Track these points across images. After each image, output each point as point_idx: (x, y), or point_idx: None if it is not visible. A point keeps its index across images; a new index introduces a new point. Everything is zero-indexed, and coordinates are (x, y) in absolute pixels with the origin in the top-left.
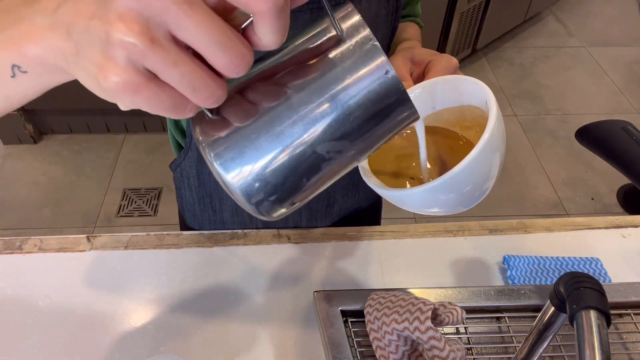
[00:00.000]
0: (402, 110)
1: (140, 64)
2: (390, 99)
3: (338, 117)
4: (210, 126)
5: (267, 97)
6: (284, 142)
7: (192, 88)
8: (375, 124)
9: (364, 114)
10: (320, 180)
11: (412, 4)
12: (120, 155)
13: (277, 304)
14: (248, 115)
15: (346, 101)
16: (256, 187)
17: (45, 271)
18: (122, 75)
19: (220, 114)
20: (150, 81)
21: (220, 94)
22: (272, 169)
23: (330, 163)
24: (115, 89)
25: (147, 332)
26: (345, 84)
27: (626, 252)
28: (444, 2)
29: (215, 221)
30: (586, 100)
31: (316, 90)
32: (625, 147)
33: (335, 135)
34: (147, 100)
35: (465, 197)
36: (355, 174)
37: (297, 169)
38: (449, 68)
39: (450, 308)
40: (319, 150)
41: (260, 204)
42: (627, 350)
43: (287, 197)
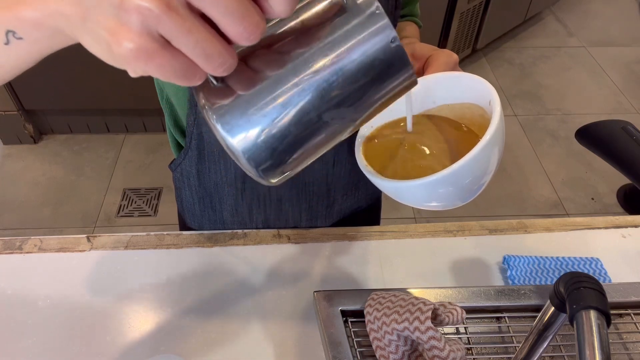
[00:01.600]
0: (402, 75)
1: (154, 30)
2: (392, 63)
3: (340, 82)
4: (214, 93)
5: (272, 63)
6: (287, 106)
7: (205, 56)
8: (375, 88)
9: (365, 79)
10: (321, 143)
11: (411, 4)
12: (120, 155)
13: (277, 304)
14: (252, 82)
15: (349, 66)
16: (259, 150)
17: (45, 271)
18: (136, 41)
19: (224, 81)
20: (163, 48)
21: (231, 63)
22: (275, 133)
23: (331, 127)
24: (128, 56)
25: (147, 332)
26: (347, 48)
27: (626, 252)
28: (444, 2)
29: (215, 221)
30: (586, 100)
31: (319, 55)
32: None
33: (336, 100)
34: (160, 67)
35: (463, 191)
36: (355, 174)
37: (299, 133)
38: (449, 63)
39: (450, 308)
40: (320, 114)
41: (262, 167)
42: (627, 350)
43: (288, 160)
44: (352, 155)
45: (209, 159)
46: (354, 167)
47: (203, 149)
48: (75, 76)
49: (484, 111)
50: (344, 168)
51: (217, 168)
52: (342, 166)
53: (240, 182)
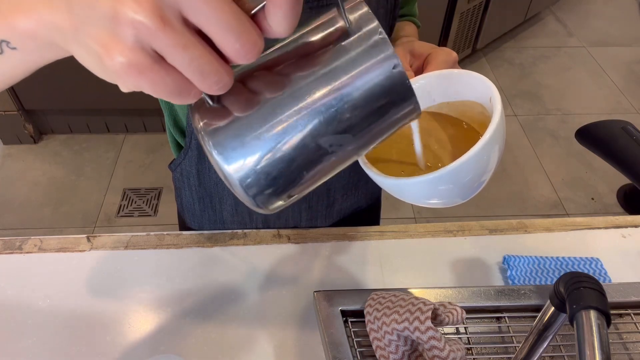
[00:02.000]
0: (406, 106)
1: (148, 45)
2: (395, 94)
3: (342, 110)
4: (210, 114)
5: (271, 86)
6: (286, 133)
7: (201, 73)
8: (378, 118)
9: (368, 108)
10: (320, 173)
11: (410, 4)
12: (120, 155)
13: (277, 304)
14: (250, 105)
15: (352, 93)
16: (255, 178)
17: (45, 271)
18: (128, 55)
19: (221, 102)
20: (156, 63)
21: (227, 81)
22: (272, 160)
23: (332, 156)
24: (119, 70)
25: (147, 331)
26: (351, 75)
27: (626, 252)
28: (444, 2)
29: (215, 221)
30: (586, 100)
31: (321, 81)
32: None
33: (338, 128)
34: (152, 83)
35: (464, 189)
36: (354, 174)
37: (298, 161)
38: (448, 62)
39: (450, 308)
40: (321, 143)
41: (258, 196)
42: (627, 350)
43: (286, 190)
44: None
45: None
46: (354, 167)
47: (203, 149)
48: (75, 76)
49: (484, 109)
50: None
51: None
52: None
53: None
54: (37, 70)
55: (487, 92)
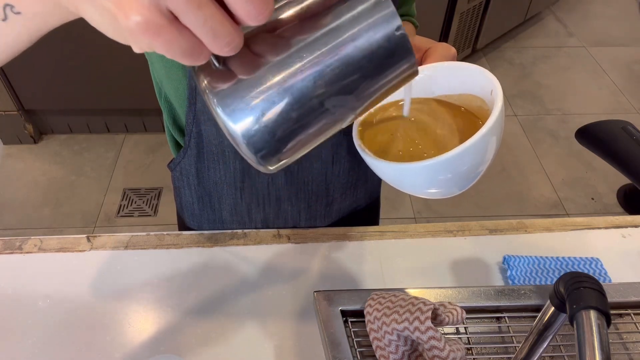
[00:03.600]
0: (405, 64)
1: (163, 4)
2: (395, 52)
3: (343, 68)
4: (216, 75)
5: (275, 47)
6: (288, 91)
7: (213, 34)
8: (378, 77)
9: (368, 66)
10: (320, 130)
11: (408, 4)
12: (120, 155)
13: (277, 304)
14: (255, 66)
15: (352, 53)
16: (259, 135)
17: (45, 271)
18: (145, 14)
19: (226, 64)
20: (171, 24)
21: (238, 42)
22: (275, 117)
23: (331, 113)
24: (135, 29)
25: (147, 332)
26: (352, 35)
27: (626, 252)
28: (444, 2)
29: (215, 220)
30: (586, 100)
31: (322, 41)
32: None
33: (339, 85)
34: (166, 43)
35: (461, 179)
36: (353, 173)
37: (299, 119)
38: (447, 56)
39: (450, 308)
40: (321, 101)
41: (260, 152)
42: (627, 350)
43: (287, 147)
44: (350, 154)
45: (208, 157)
46: (353, 165)
47: (202, 148)
48: (75, 76)
49: (484, 102)
50: (342, 167)
51: (216, 167)
52: (340, 165)
53: (239, 181)
54: (37, 69)
55: (488, 86)
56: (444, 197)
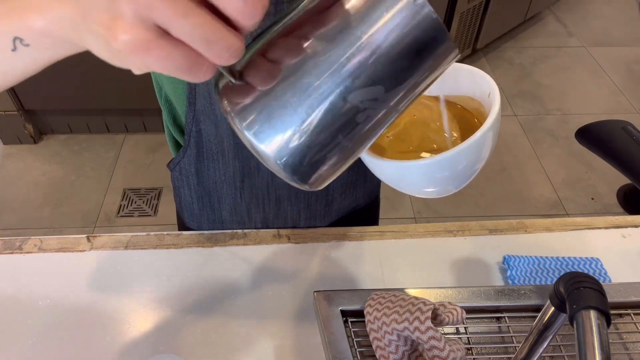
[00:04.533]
0: (437, 45)
1: (149, 19)
2: (423, 35)
3: (367, 60)
4: (235, 93)
5: (290, 51)
6: (313, 96)
7: (206, 41)
8: (409, 64)
9: (395, 54)
10: (358, 136)
11: None
12: (120, 155)
13: (277, 304)
14: (273, 75)
15: (375, 41)
16: (291, 153)
17: (45, 271)
18: (131, 32)
19: (243, 78)
20: (161, 38)
21: (238, 46)
22: (304, 130)
23: (366, 114)
24: (125, 49)
25: (147, 332)
26: (371, 22)
27: (626, 252)
28: (444, 2)
29: (214, 220)
30: (586, 100)
31: (340, 34)
32: (625, 147)
33: (366, 81)
34: (160, 59)
35: (458, 177)
36: (353, 173)
37: (331, 126)
38: None
39: (450, 308)
40: (351, 100)
41: (298, 172)
42: (627, 350)
43: (325, 160)
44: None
45: (207, 157)
46: (352, 166)
47: (202, 147)
48: (75, 76)
49: (481, 105)
50: None
51: (215, 166)
52: None
53: (239, 181)
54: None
55: (486, 88)
56: (440, 196)
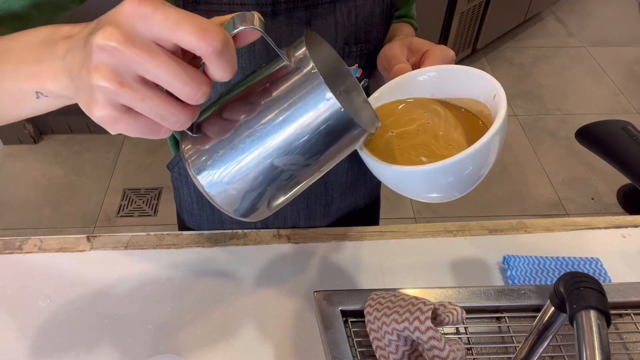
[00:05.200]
0: (347, 130)
1: (115, 101)
2: (333, 121)
3: (287, 137)
4: (191, 142)
5: (235, 115)
6: (246, 154)
7: (161, 117)
8: (323, 141)
9: (311, 134)
10: (283, 187)
11: (407, 5)
12: (120, 155)
13: (277, 304)
14: (220, 132)
15: (293, 123)
16: (225, 191)
17: (45, 271)
18: (102, 111)
19: (200, 130)
20: (125, 114)
21: (185, 120)
22: (237, 176)
23: (289, 174)
24: (99, 121)
25: (147, 332)
26: (289, 103)
27: (626, 252)
28: (444, 2)
29: (214, 220)
30: (586, 100)
31: (266, 111)
32: (625, 147)
33: (287, 151)
34: (126, 128)
35: (463, 182)
36: (353, 173)
37: (259, 178)
38: (446, 58)
39: (450, 308)
40: (276, 163)
41: (230, 206)
42: (627, 350)
43: (257, 203)
44: (350, 154)
45: None
46: (352, 165)
47: None
48: None
49: (484, 106)
50: (341, 167)
51: None
52: (339, 164)
53: None
54: None
55: (491, 90)
56: (444, 201)
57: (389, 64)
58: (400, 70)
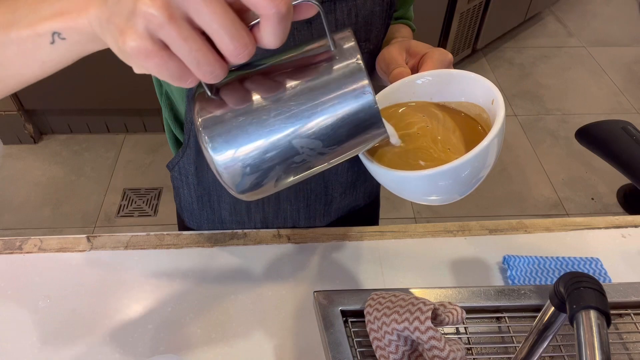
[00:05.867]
0: (372, 128)
1: (155, 34)
2: (363, 115)
3: (314, 120)
4: (207, 103)
5: (262, 88)
6: (266, 130)
7: (197, 63)
8: (346, 134)
9: (338, 123)
10: (291, 171)
11: (405, 6)
12: (120, 155)
13: (277, 304)
14: (242, 101)
15: (324, 108)
16: (236, 164)
17: (45, 271)
18: (138, 40)
19: (218, 94)
20: (161, 50)
21: (219, 73)
22: (252, 151)
23: (303, 158)
24: (130, 52)
25: (147, 332)
26: (326, 93)
27: (626, 252)
28: (444, 2)
29: (214, 220)
30: (586, 100)
31: (302, 92)
32: (625, 147)
33: (310, 134)
34: (156, 66)
35: (463, 185)
36: (353, 173)
37: (273, 156)
38: (444, 61)
39: (450, 308)
40: (294, 144)
41: (233, 181)
42: (627, 350)
43: (260, 181)
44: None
45: None
46: (352, 165)
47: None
48: (75, 76)
49: (483, 110)
50: (341, 166)
51: None
52: (340, 164)
53: None
54: None
55: (489, 95)
56: (444, 204)
57: (388, 67)
58: (399, 74)
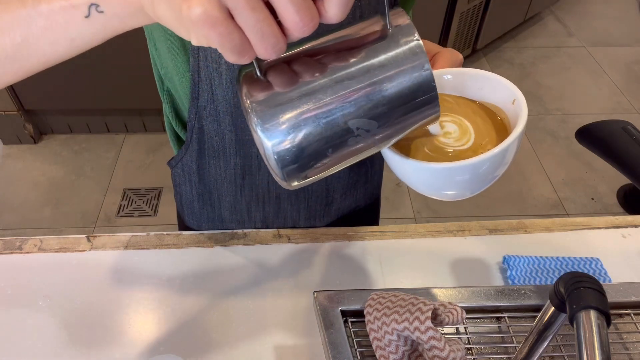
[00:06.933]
0: (428, 106)
1: (224, 2)
2: (422, 96)
3: (373, 99)
4: (256, 85)
5: (316, 68)
6: (321, 110)
7: (262, 34)
8: (403, 113)
9: (396, 102)
10: (342, 154)
11: (406, 7)
12: (120, 155)
13: (277, 303)
14: (294, 82)
15: (383, 88)
16: (287, 148)
17: (45, 271)
18: (206, 6)
19: (267, 76)
20: (228, 19)
21: (281, 47)
22: (303, 134)
23: (357, 140)
24: (195, 20)
25: (147, 332)
26: (386, 72)
27: (626, 252)
28: (444, 2)
29: (214, 219)
30: (586, 100)
31: (359, 71)
32: (625, 147)
33: (367, 114)
34: (220, 36)
35: (477, 182)
36: (354, 174)
37: (326, 139)
38: (455, 62)
39: (450, 308)
40: (350, 125)
41: (286, 166)
42: (627, 350)
43: (310, 165)
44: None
45: (209, 154)
46: (353, 166)
47: (204, 144)
48: (75, 76)
49: (501, 111)
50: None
51: (217, 163)
52: None
53: (239, 178)
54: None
55: (509, 95)
56: (453, 200)
57: None
58: None
